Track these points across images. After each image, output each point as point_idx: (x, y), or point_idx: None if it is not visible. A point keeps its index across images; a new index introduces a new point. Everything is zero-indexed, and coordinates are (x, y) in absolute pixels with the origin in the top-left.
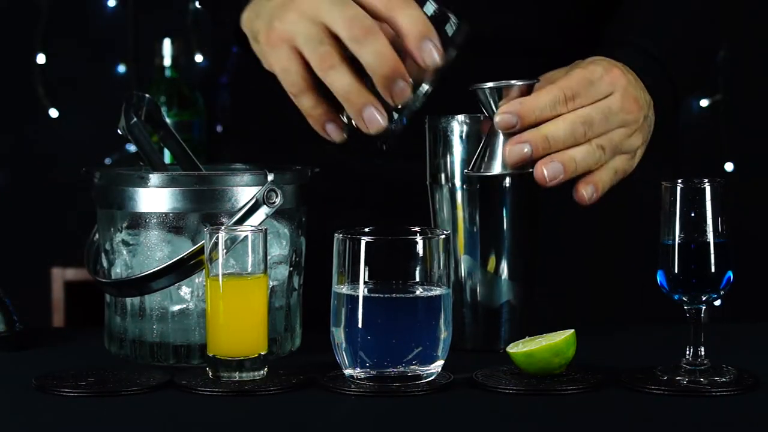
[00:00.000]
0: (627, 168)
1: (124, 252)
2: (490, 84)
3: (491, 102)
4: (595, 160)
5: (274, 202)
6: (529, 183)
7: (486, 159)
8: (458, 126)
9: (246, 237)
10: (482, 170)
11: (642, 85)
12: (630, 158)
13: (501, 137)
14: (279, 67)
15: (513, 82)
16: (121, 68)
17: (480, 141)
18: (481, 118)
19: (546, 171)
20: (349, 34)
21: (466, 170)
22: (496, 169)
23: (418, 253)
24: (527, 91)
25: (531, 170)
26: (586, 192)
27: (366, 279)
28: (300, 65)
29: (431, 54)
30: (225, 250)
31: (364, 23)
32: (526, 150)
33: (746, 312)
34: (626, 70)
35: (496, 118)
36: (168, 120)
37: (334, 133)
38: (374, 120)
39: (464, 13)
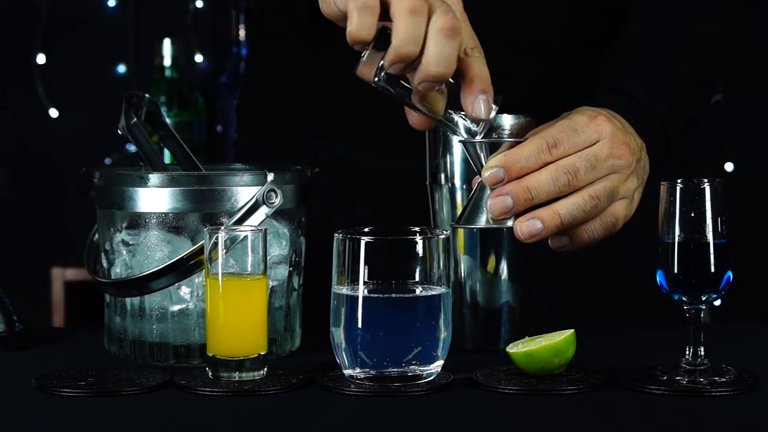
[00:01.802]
0: (627, 213)
1: (124, 252)
2: (479, 139)
3: (480, 156)
4: (585, 211)
5: (273, 202)
6: None
7: (471, 212)
8: (458, 126)
9: (246, 237)
10: (467, 223)
11: (632, 130)
12: (629, 202)
13: (488, 190)
14: None
15: (502, 138)
16: (121, 68)
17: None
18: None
19: (521, 228)
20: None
21: (451, 223)
22: (481, 222)
23: (418, 253)
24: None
25: (510, 224)
26: (553, 242)
27: (366, 279)
28: None
29: (480, 108)
30: (225, 250)
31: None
32: (508, 202)
33: (746, 312)
34: (612, 115)
35: (485, 173)
36: (168, 120)
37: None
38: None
39: (476, 11)
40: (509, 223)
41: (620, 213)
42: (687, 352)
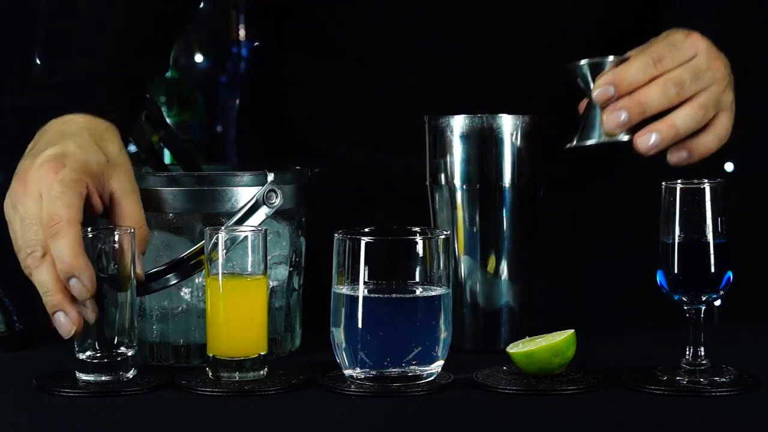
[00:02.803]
0: (730, 126)
1: None
2: (585, 60)
3: (588, 77)
4: (697, 121)
5: (274, 203)
6: (529, 184)
7: (583, 131)
8: (458, 126)
9: (246, 237)
10: (579, 141)
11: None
12: (730, 114)
13: (598, 109)
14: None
15: (607, 57)
16: None
17: (480, 141)
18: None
19: (641, 142)
20: None
21: (567, 145)
22: (594, 138)
23: (418, 253)
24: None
25: (626, 139)
26: (672, 157)
27: (366, 279)
28: None
29: None
30: (225, 250)
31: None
32: (623, 117)
33: (746, 312)
34: (702, 35)
35: (595, 92)
36: (168, 120)
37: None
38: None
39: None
40: (624, 138)
41: (727, 123)
42: (687, 352)
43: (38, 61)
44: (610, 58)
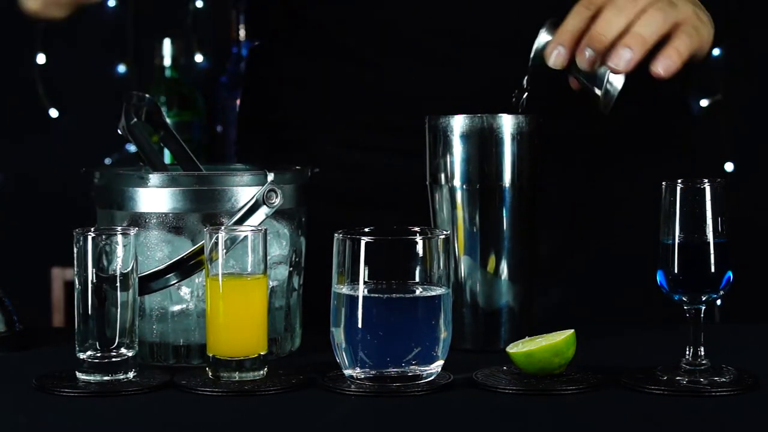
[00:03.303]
0: (699, 25)
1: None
2: (534, 48)
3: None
4: (658, 23)
5: (274, 202)
6: (529, 184)
7: (594, 94)
8: (458, 126)
9: (246, 237)
10: (604, 102)
11: None
12: (694, 7)
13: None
14: None
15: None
16: (121, 68)
17: (480, 141)
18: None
19: (615, 64)
20: None
21: (603, 111)
22: (602, 88)
23: (418, 253)
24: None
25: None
26: (656, 67)
27: (366, 279)
28: None
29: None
30: (225, 250)
31: None
32: (590, 53)
33: (746, 312)
34: None
35: (549, 61)
36: (168, 120)
37: None
38: None
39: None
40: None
41: (691, 14)
42: (687, 352)
43: None
44: (543, 28)
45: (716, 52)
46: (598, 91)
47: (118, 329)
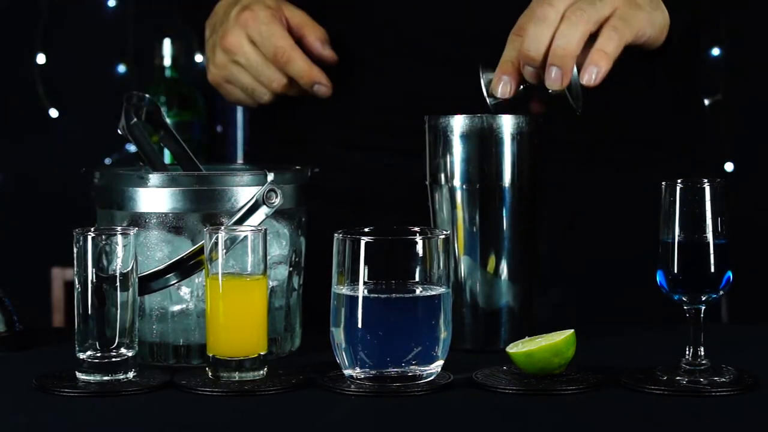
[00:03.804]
0: (625, 10)
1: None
2: (483, 82)
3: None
4: (580, 26)
5: (273, 202)
6: (529, 184)
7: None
8: (458, 126)
9: (246, 237)
10: (575, 104)
11: None
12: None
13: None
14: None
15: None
16: (121, 68)
17: (480, 141)
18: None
19: (551, 80)
20: None
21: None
22: (572, 100)
23: (418, 253)
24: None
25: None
26: (587, 78)
27: (366, 279)
28: None
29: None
30: (225, 250)
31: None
32: (553, 74)
33: (746, 312)
34: None
35: (494, 92)
36: (168, 120)
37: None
38: None
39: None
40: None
41: (618, 4)
42: (687, 352)
43: None
44: (480, 70)
45: (716, 52)
46: (570, 99)
47: (118, 329)
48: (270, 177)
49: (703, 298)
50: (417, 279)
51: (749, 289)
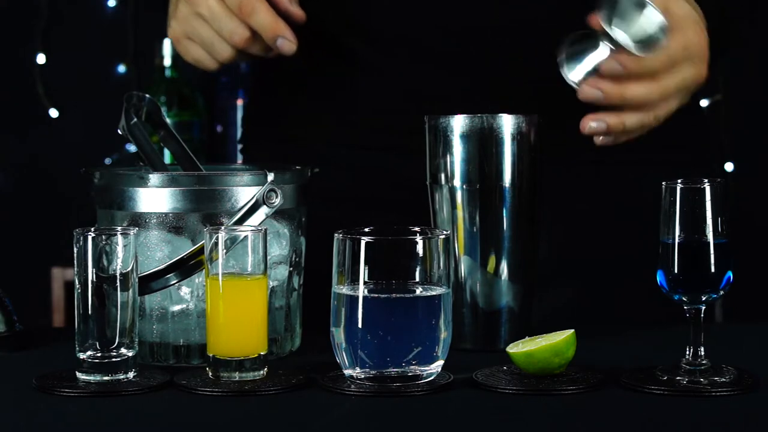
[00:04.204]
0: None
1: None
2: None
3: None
4: (644, 126)
5: (274, 202)
6: (529, 184)
7: (571, 61)
8: (458, 126)
9: (246, 237)
10: (568, 65)
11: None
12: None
13: (600, 56)
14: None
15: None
16: (121, 68)
17: (480, 141)
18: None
19: (586, 124)
20: None
21: (558, 57)
22: (570, 74)
23: (418, 253)
24: None
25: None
26: (588, 129)
27: (366, 279)
28: None
29: None
30: (225, 250)
31: None
32: (597, 95)
33: (746, 312)
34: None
35: (583, 91)
36: (168, 120)
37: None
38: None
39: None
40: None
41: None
42: (687, 352)
43: None
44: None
45: None
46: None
47: (118, 329)
48: (270, 177)
49: (704, 299)
50: (417, 279)
51: (749, 289)
